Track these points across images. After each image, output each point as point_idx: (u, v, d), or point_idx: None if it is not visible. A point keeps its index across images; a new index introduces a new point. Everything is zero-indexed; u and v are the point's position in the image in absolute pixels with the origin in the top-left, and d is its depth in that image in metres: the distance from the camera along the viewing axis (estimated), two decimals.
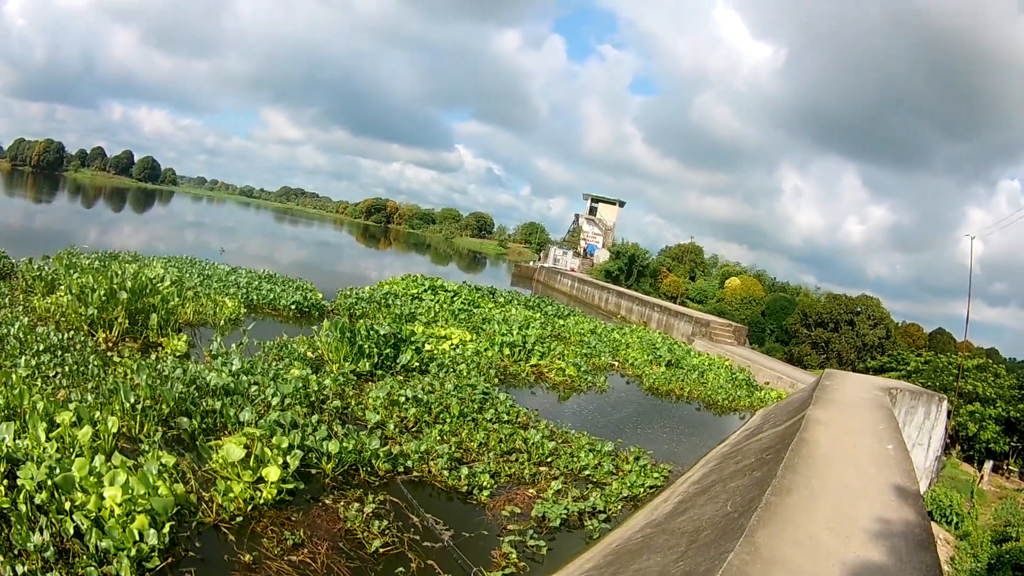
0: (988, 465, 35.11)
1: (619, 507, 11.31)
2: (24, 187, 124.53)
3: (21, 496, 6.81)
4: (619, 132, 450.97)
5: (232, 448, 8.91)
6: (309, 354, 16.39)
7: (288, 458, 9.17)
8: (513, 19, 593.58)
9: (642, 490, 12.25)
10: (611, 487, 11.96)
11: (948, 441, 33.59)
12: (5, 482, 7.13)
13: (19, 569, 5.99)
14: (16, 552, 6.19)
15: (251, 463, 8.84)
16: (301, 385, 12.84)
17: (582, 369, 22.08)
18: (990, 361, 44.78)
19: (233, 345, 14.85)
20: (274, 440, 9.51)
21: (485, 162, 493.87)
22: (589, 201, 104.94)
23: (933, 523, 20.60)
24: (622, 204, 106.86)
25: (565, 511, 10.27)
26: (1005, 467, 37.83)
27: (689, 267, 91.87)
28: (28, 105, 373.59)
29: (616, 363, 26.07)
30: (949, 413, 29.19)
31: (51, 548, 6.23)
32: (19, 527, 6.32)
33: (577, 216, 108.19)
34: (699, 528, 7.76)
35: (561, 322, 33.19)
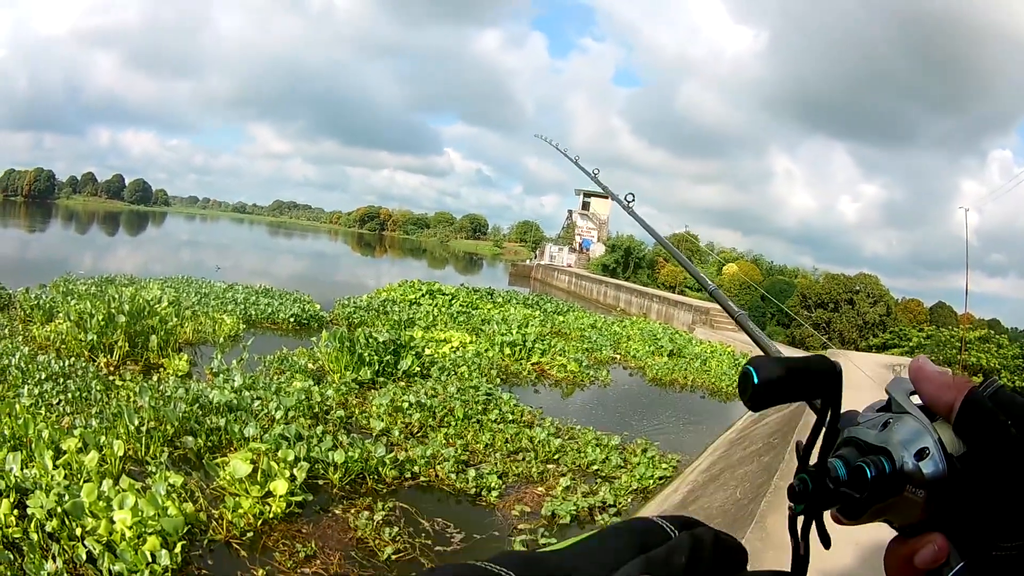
0: None
1: (629, 500, 11.18)
2: (17, 217, 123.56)
3: (32, 525, 6.84)
4: (606, 125, 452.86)
5: (238, 464, 8.93)
6: (310, 365, 16.31)
7: (295, 471, 9.18)
8: (492, 19, 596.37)
9: (651, 482, 12.12)
10: (620, 480, 11.85)
11: None
12: (16, 512, 7.15)
13: None
14: None
15: (258, 478, 8.86)
16: (304, 397, 12.83)
17: (584, 364, 22.03)
18: (992, 332, 44.32)
19: (234, 361, 14.84)
20: (280, 454, 9.53)
21: (475, 163, 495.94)
22: (581, 196, 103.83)
23: None
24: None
25: (575, 507, 10.19)
26: None
27: (686, 256, 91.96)
28: (14, 136, 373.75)
29: (618, 356, 26.04)
30: None
31: (65, 575, 6.25)
32: (32, 556, 6.36)
33: (570, 212, 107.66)
34: (709, 516, 7.64)
35: (561, 318, 33.17)
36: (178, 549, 6.96)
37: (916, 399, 0.83)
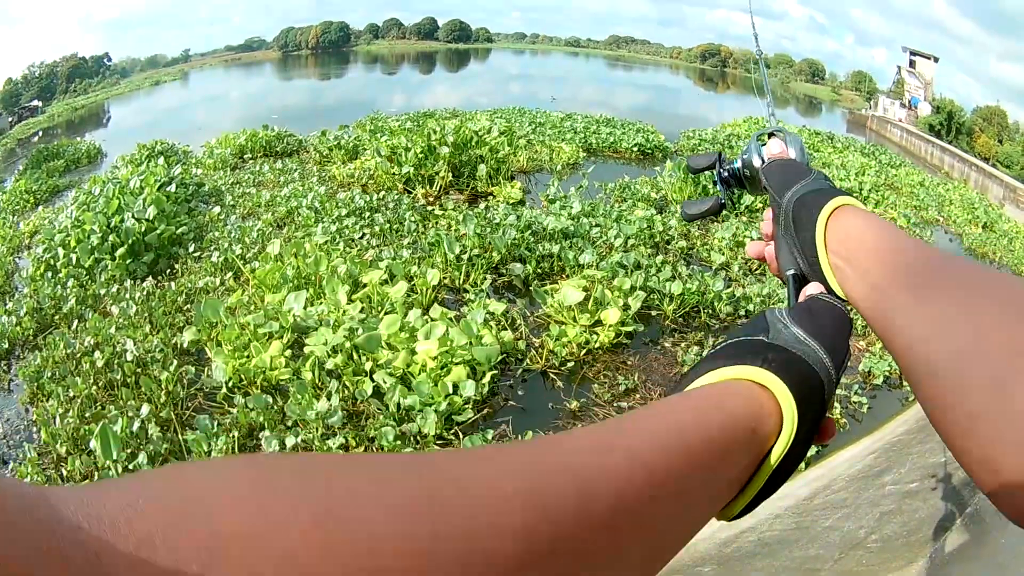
0: None
1: None
2: (304, 67, 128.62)
3: (308, 364, 6.91)
4: None
5: (570, 291, 8.86)
6: (653, 195, 16.25)
7: (630, 300, 9.00)
8: None
9: None
10: None
11: None
12: (288, 353, 7.25)
13: (288, 441, 5.98)
14: (289, 424, 6.22)
15: (590, 306, 8.74)
16: (645, 226, 12.74)
17: (911, 221, 21.59)
18: None
19: (572, 188, 14.88)
20: (615, 282, 9.43)
21: (808, 9, 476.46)
22: (908, 54, 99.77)
23: None
24: (936, 60, 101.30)
25: (889, 368, 9.85)
26: None
27: (997, 130, 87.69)
28: None
29: (940, 218, 25.65)
30: None
31: (339, 413, 6.18)
32: (298, 396, 6.31)
33: (899, 68, 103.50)
34: None
35: (894, 172, 32.53)
36: (486, 379, 6.88)
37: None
